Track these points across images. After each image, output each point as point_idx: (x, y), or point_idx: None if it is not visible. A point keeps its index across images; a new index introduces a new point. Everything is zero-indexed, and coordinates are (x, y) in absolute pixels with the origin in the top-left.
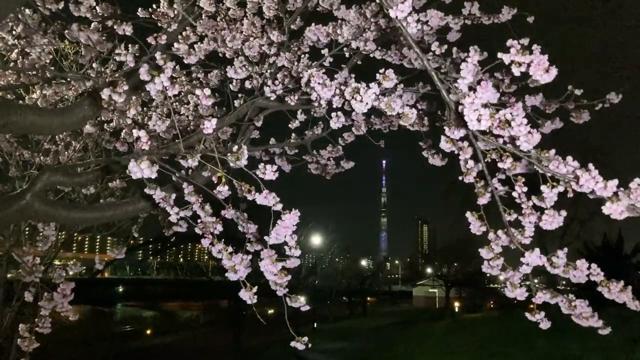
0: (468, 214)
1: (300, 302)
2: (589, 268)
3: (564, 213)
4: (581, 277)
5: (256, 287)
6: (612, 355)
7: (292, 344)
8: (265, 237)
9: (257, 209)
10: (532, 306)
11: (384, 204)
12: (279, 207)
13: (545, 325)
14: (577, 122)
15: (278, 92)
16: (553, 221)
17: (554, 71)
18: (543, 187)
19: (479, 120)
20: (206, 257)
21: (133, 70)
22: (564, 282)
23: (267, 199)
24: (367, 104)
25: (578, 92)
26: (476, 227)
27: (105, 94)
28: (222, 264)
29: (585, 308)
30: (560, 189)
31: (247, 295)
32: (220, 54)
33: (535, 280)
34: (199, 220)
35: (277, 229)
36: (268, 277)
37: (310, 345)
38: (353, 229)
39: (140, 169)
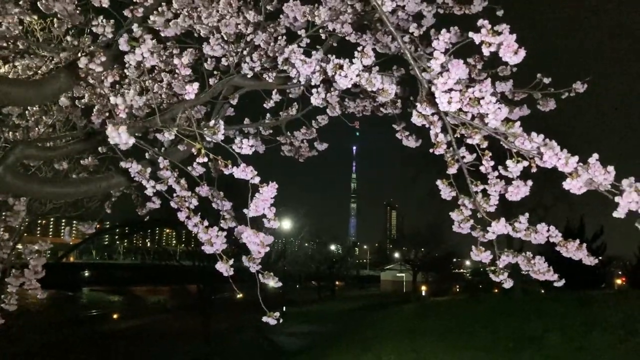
0: (438, 182)
1: (273, 279)
2: (548, 231)
3: (529, 183)
4: (541, 239)
5: (232, 259)
6: (570, 335)
7: (264, 319)
8: (245, 210)
9: (230, 188)
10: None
11: (354, 189)
12: (257, 180)
13: (508, 284)
14: (544, 110)
15: (256, 69)
16: (519, 192)
17: (522, 53)
18: (508, 162)
19: (449, 103)
20: (174, 241)
21: (109, 44)
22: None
23: (244, 172)
24: (350, 79)
25: (546, 80)
26: (446, 193)
27: (82, 62)
28: (198, 237)
29: (543, 264)
30: (525, 164)
31: (224, 268)
32: (195, 34)
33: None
34: (174, 195)
35: (255, 201)
36: (251, 247)
37: (281, 321)
38: (323, 214)
39: (118, 134)
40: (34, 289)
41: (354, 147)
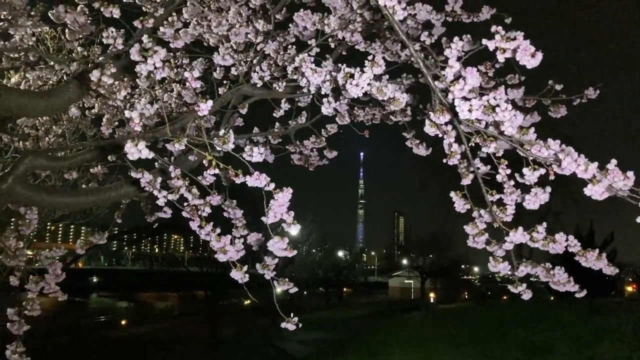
0: (452, 194)
1: (288, 284)
2: (566, 240)
3: (548, 189)
4: (559, 248)
5: (246, 266)
6: (581, 344)
7: (283, 325)
8: (263, 218)
9: (237, 195)
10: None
11: (361, 195)
12: (272, 187)
13: (527, 296)
14: (555, 116)
15: (266, 79)
16: (536, 200)
17: (539, 56)
18: (525, 170)
19: (470, 111)
20: (182, 247)
21: (118, 54)
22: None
23: (258, 180)
24: (362, 88)
25: (558, 87)
26: (460, 205)
27: (95, 75)
28: (210, 245)
29: (562, 275)
30: (542, 171)
31: (239, 275)
32: (205, 43)
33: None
34: (185, 204)
35: (272, 208)
36: (277, 254)
37: (300, 325)
38: (330, 221)
39: (138, 150)
40: (54, 292)
41: (362, 154)
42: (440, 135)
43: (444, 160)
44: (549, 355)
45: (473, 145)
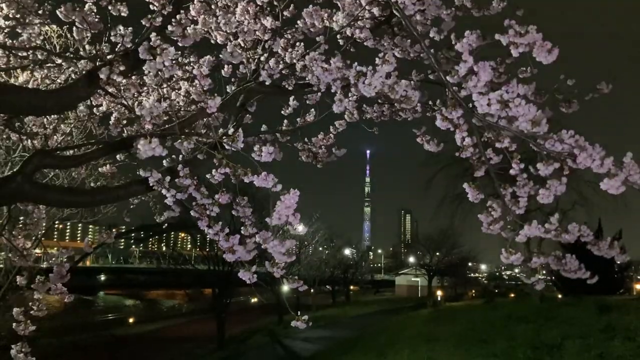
0: (465, 185)
1: (298, 282)
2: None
3: (564, 180)
4: (572, 239)
5: (254, 266)
6: (591, 343)
7: (293, 323)
8: (267, 219)
9: (245, 194)
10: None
11: (368, 193)
12: (279, 187)
13: (540, 286)
14: (567, 112)
15: (275, 76)
16: (551, 193)
17: (556, 52)
18: (539, 165)
19: (489, 105)
20: (189, 245)
21: (127, 53)
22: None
23: (266, 180)
24: (375, 87)
25: (570, 82)
26: (474, 195)
27: (104, 73)
28: (219, 245)
29: (574, 262)
30: (556, 165)
31: (247, 275)
32: (212, 41)
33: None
34: (193, 203)
35: (278, 209)
36: (277, 257)
37: (310, 324)
38: (336, 218)
39: (151, 148)
40: (61, 293)
41: (368, 151)
42: (452, 129)
43: (457, 154)
44: (558, 354)
45: (485, 140)
